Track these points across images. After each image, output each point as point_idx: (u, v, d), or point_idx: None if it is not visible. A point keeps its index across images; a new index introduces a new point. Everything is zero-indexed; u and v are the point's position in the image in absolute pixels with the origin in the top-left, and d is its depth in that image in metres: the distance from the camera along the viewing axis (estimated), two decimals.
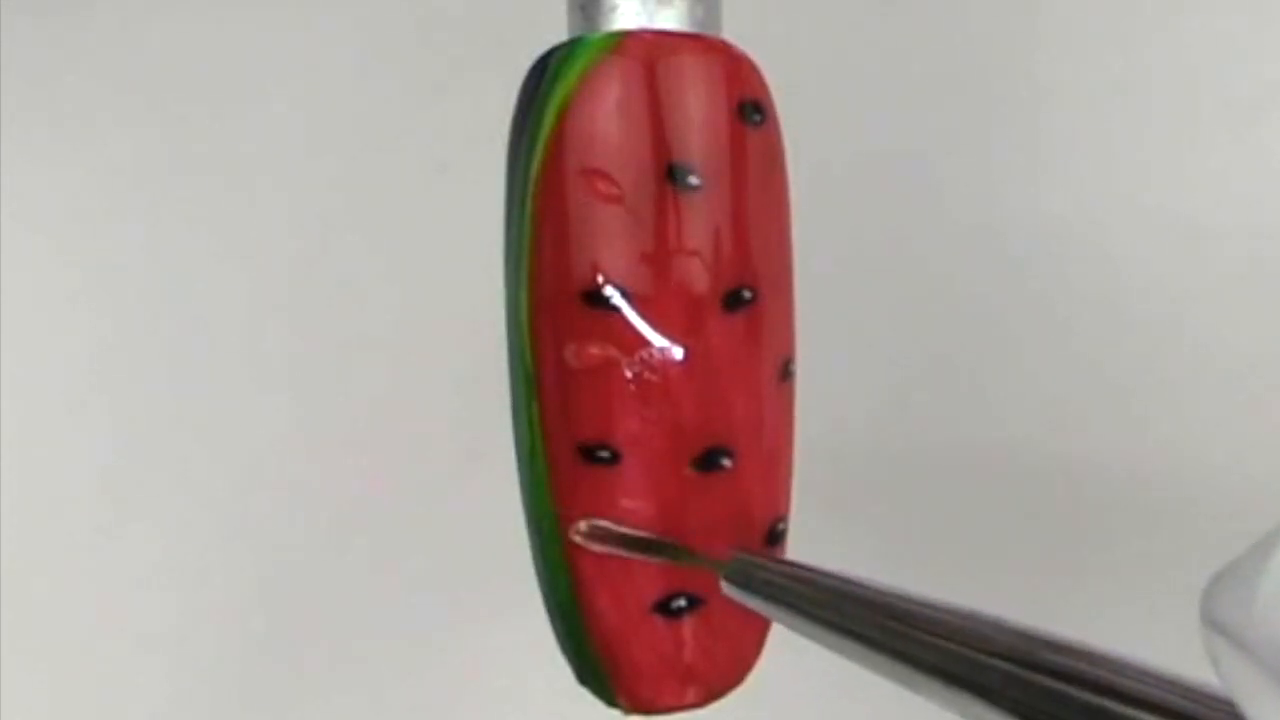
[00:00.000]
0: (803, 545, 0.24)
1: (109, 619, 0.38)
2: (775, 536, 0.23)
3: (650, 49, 0.22)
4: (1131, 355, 0.36)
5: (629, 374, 0.21)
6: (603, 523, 0.22)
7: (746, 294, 0.22)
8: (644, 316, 0.21)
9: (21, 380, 0.38)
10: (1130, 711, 0.14)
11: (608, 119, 0.21)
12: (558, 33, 0.23)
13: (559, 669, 0.23)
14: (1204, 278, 0.36)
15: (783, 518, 0.23)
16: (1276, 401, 0.35)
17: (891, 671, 0.17)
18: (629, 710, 0.23)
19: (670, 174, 0.21)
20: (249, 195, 0.38)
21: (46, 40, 0.38)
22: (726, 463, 0.22)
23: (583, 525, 0.22)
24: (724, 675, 0.23)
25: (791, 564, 0.20)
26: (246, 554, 0.38)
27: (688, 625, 0.22)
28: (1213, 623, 0.13)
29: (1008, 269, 0.36)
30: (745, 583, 0.20)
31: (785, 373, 0.23)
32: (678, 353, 0.21)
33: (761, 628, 0.23)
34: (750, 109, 0.22)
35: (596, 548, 0.22)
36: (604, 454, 0.21)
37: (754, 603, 0.20)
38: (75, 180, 0.38)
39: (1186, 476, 0.36)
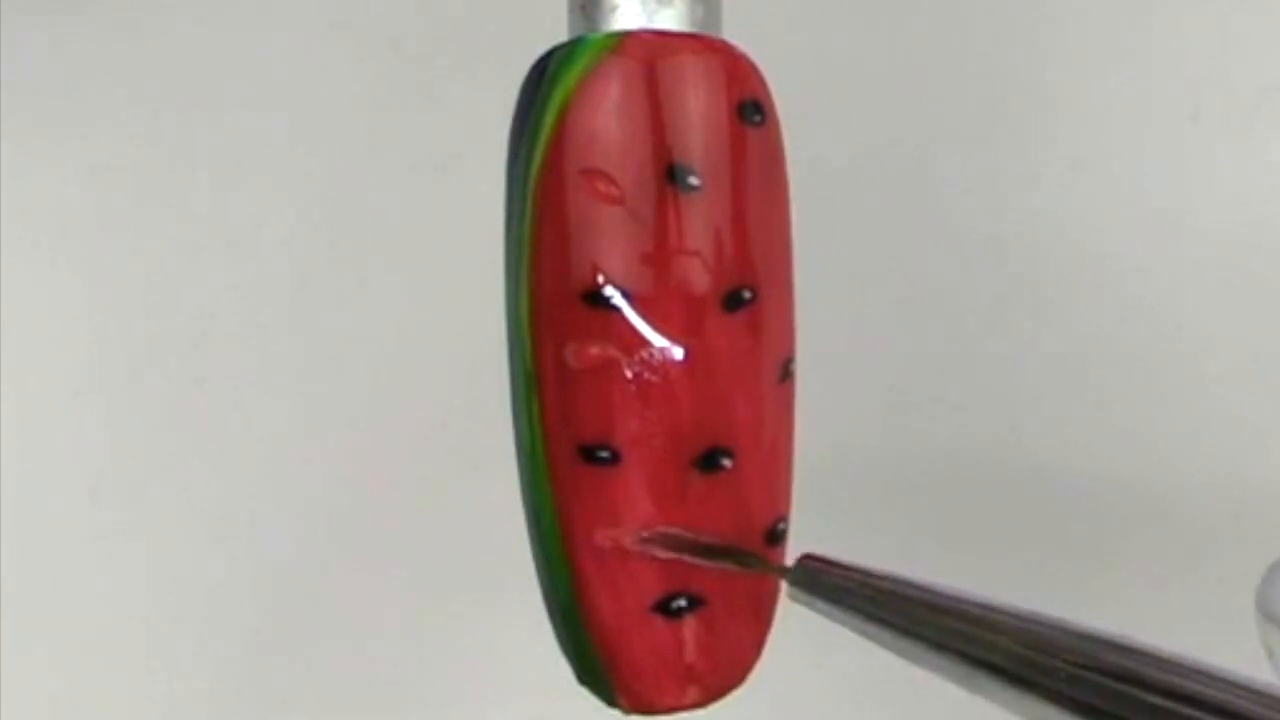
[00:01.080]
0: (800, 548, 0.24)
1: (108, 618, 0.38)
2: (776, 536, 0.23)
3: (650, 49, 0.22)
4: (1130, 357, 0.36)
5: (629, 374, 0.21)
6: (669, 529, 0.22)
7: (747, 294, 0.22)
8: (644, 317, 0.21)
9: (21, 380, 0.38)
10: (1194, 712, 0.14)
11: (608, 119, 0.21)
12: (558, 33, 0.23)
13: (559, 669, 0.23)
14: (1203, 280, 0.36)
15: (783, 518, 0.23)
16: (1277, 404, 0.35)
17: (957, 674, 0.17)
18: (629, 710, 0.23)
19: (670, 174, 0.21)
20: (248, 195, 0.38)
21: (46, 41, 0.38)
22: (727, 463, 0.22)
23: (645, 533, 0.22)
24: (724, 675, 0.23)
25: (854, 568, 0.20)
26: (245, 554, 0.38)
27: (688, 625, 0.22)
28: (1270, 615, 0.13)
29: (1009, 270, 0.36)
30: (811, 587, 0.20)
31: (785, 373, 0.23)
32: (678, 353, 0.21)
33: (762, 628, 0.23)
34: (750, 109, 0.22)
35: (661, 554, 0.21)
36: (604, 454, 0.21)
37: (819, 607, 0.20)
38: (75, 180, 0.38)
39: (1185, 481, 0.36)
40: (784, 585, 0.20)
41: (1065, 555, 0.36)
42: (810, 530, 0.24)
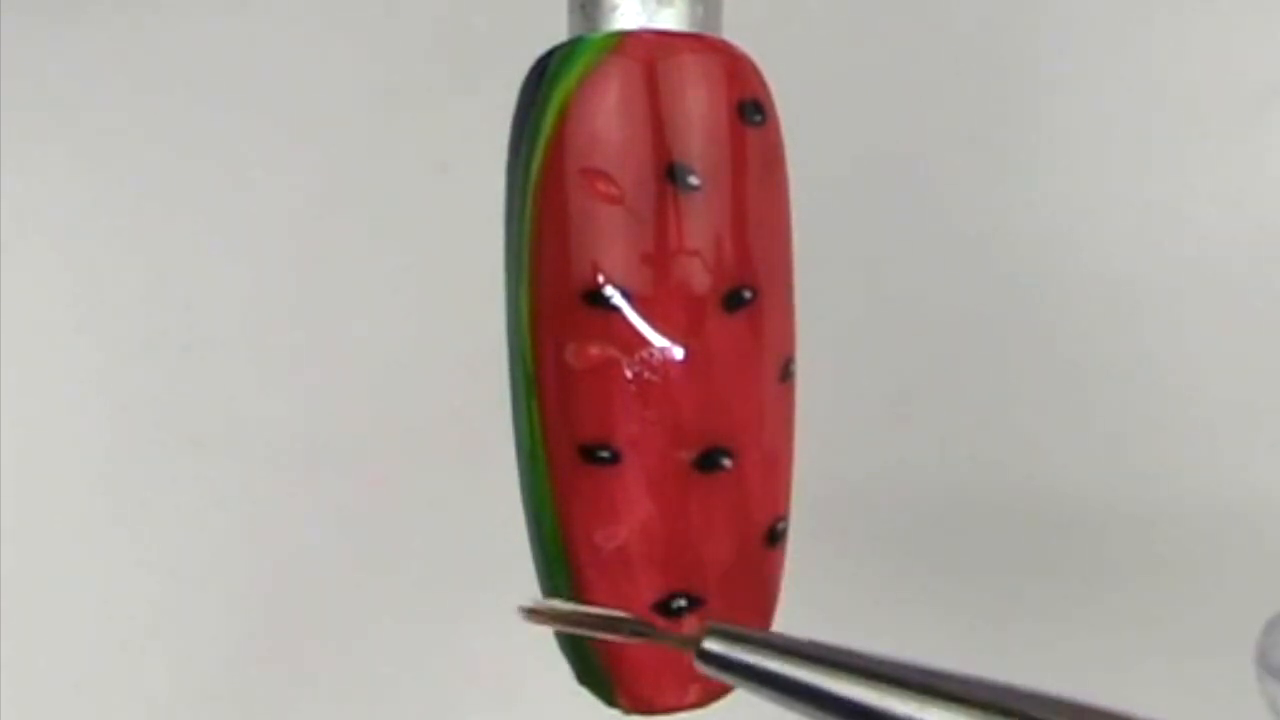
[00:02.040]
0: (795, 554, 0.24)
1: (107, 619, 0.38)
2: (775, 536, 0.23)
3: (650, 49, 0.22)
4: (1130, 363, 0.36)
5: (629, 374, 0.21)
6: (555, 603, 0.21)
7: (747, 294, 0.22)
8: (644, 316, 0.21)
9: (18, 377, 0.38)
10: None
11: (608, 119, 0.21)
12: (558, 33, 0.23)
13: (559, 669, 0.23)
14: (1203, 287, 0.36)
15: (783, 517, 0.23)
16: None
17: None
18: (628, 710, 0.23)
19: (670, 174, 0.21)
20: (248, 196, 0.38)
21: (48, 40, 0.38)
22: (727, 463, 0.22)
23: (528, 603, 0.21)
24: None
25: (769, 635, 0.19)
26: (244, 554, 0.38)
27: (688, 625, 0.22)
28: (1273, 670, 0.12)
29: (1007, 269, 0.36)
30: (720, 662, 0.19)
31: (785, 373, 0.23)
32: (678, 353, 0.21)
33: (762, 627, 0.23)
34: (750, 109, 0.22)
35: (549, 625, 0.21)
36: (604, 454, 0.21)
37: (732, 679, 0.19)
38: (75, 181, 0.38)
39: (1186, 494, 0.36)
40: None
41: (1057, 570, 0.36)
42: (805, 536, 0.24)
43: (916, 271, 0.37)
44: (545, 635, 0.23)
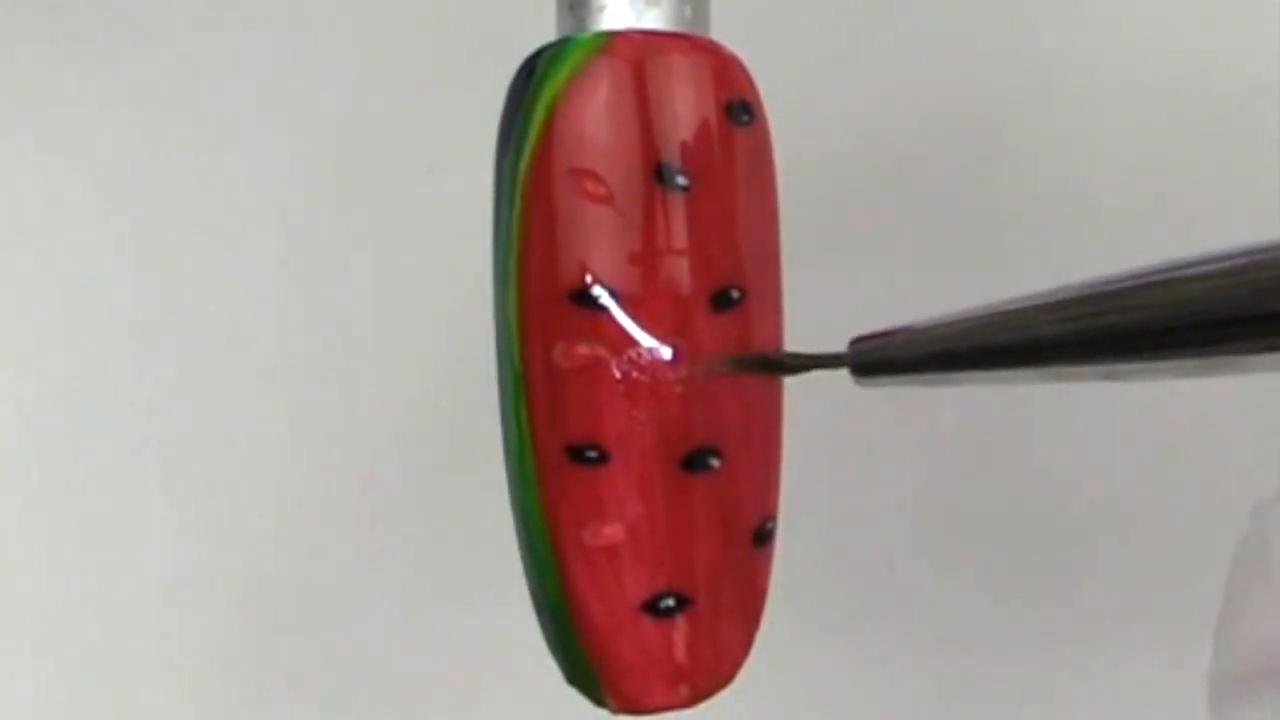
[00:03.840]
0: (787, 540, 0.24)
1: (101, 618, 0.38)
2: (764, 536, 0.23)
3: (639, 49, 0.22)
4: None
5: (617, 374, 0.21)
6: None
7: (734, 294, 0.22)
8: (632, 316, 0.21)
9: (14, 380, 0.38)
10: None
11: (596, 119, 0.21)
12: (547, 33, 0.23)
13: (548, 668, 0.23)
14: None
15: (771, 516, 0.23)
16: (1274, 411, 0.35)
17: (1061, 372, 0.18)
18: (617, 710, 0.23)
19: (658, 174, 0.21)
20: (235, 196, 0.38)
21: (33, 37, 0.38)
22: (715, 462, 0.22)
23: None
24: (712, 675, 0.23)
25: (903, 330, 0.20)
26: (238, 554, 0.38)
27: (676, 625, 0.22)
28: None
29: (1000, 268, 0.36)
30: (873, 369, 0.20)
31: None
32: (666, 352, 0.21)
33: (750, 628, 0.23)
34: (739, 109, 0.22)
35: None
36: (592, 454, 0.21)
37: (892, 381, 0.20)
38: (63, 181, 0.38)
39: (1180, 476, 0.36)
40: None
41: (1051, 542, 0.36)
42: (800, 530, 0.24)
43: (904, 272, 0.37)
44: (535, 634, 0.23)
